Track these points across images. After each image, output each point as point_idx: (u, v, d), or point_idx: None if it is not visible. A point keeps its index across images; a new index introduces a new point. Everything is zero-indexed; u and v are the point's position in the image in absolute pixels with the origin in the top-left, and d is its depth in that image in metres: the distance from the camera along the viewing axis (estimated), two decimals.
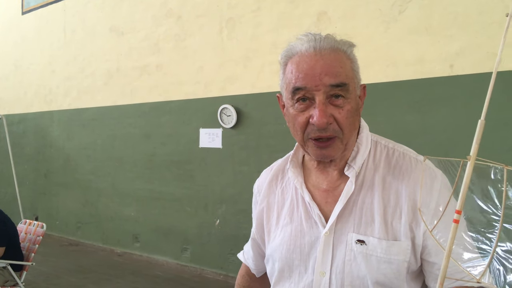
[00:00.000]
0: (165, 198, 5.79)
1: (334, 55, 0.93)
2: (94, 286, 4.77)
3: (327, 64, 0.92)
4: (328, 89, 0.92)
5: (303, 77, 0.93)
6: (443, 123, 3.64)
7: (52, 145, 7.57)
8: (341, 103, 0.93)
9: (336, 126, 0.94)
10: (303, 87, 0.93)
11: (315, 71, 0.92)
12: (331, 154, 0.97)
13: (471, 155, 0.59)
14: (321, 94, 0.92)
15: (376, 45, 3.99)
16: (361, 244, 0.95)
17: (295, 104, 0.96)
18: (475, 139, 0.59)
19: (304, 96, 0.94)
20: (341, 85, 0.92)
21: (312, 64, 0.93)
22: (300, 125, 0.96)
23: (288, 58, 0.98)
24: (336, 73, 0.92)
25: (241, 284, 1.32)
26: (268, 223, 1.14)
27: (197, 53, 5.48)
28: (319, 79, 0.91)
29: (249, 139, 4.96)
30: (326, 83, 0.91)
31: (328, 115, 0.92)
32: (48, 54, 7.67)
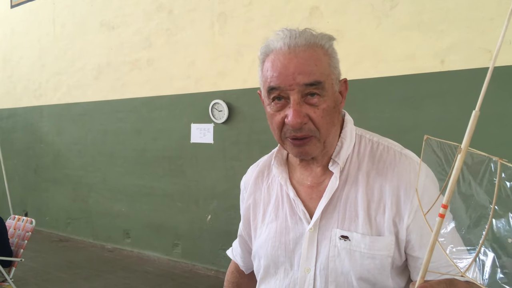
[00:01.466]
0: (156, 193, 5.76)
1: (309, 52, 0.91)
2: (85, 282, 4.74)
3: (301, 63, 0.90)
4: (303, 88, 0.90)
5: (277, 76, 0.91)
6: (435, 119, 3.65)
7: (42, 140, 7.50)
8: (317, 102, 0.91)
9: (312, 126, 0.92)
10: (277, 87, 0.92)
11: (289, 70, 0.90)
12: (308, 152, 0.96)
13: (462, 148, 0.58)
14: (295, 94, 0.90)
15: (368, 41, 3.99)
16: (345, 240, 0.95)
17: (271, 103, 0.95)
18: (468, 131, 0.58)
19: (279, 95, 0.93)
20: (316, 83, 0.90)
21: (286, 63, 0.91)
22: (277, 125, 0.96)
23: (266, 55, 0.96)
24: (310, 72, 0.90)
25: (230, 280, 1.32)
26: (254, 219, 1.13)
27: (188, 48, 5.45)
28: (292, 79, 0.90)
29: (240, 134, 4.95)
30: (299, 83, 0.90)
31: (302, 115, 0.91)
32: (38, 48, 7.59)
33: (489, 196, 0.60)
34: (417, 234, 0.92)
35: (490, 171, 0.58)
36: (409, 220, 0.92)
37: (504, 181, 0.56)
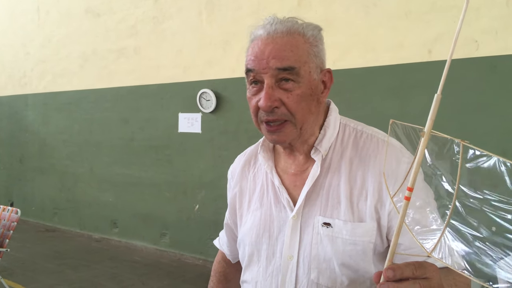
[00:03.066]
0: (144, 183, 5.74)
1: (287, 38, 0.93)
2: (72, 271, 4.72)
3: (276, 48, 0.92)
4: (276, 73, 0.92)
5: (253, 59, 0.94)
6: (421, 109, 3.67)
7: (27, 130, 7.40)
8: (290, 87, 0.93)
9: (285, 110, 0.93)
10: (252, 69, 0.94)
11: (264, 54, 0.93)
12: (282, 138, 0.97)
13: (425, 131, 0.59)
14: (268, 77, 0.93)
15: (356, 30, 3.99)
16: (327, 227, 0.96)
17: (250, 86, 0.98)
18: (430, 114, 0.59)
19: (255, 79, 0.95)
20: (289, 68, 0.92)
21: (263, 47, 0.93)
22: (253, 109, 0.98)
23: (250, 41, 0.99)
24: (283, 57, 0.92)
25: (217, 270, 1.33)
26: (240, 208, 1.14)
27: (175, 36, 5.39)
28: (266, 62, 0.92)
29: (228, 124, 4.94)
30: (272, 66, 0.92)
31: (273, 98, 0.92)
32: (22, 36, 7.45)
33: (453, 177, 0.60)
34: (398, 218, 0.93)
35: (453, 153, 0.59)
36: (390, 207, 0.93)
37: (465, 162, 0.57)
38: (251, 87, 0.97)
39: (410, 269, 0.66)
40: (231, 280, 1.30)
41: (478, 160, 0.57)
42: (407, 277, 0.65)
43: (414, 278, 0.66)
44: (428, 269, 0.67)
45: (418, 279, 0.66)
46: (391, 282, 0.65)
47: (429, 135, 0.58)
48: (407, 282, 0.65)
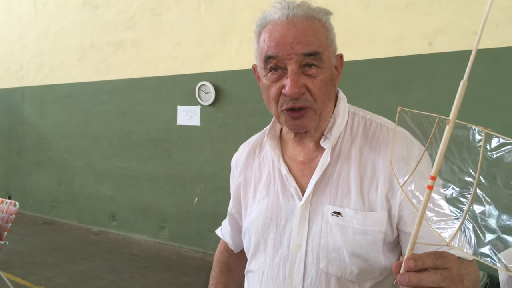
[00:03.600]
0: (142, 176, 5.72)
1: (307, 23, 0.91)
2: (71, 264, 4.72)
3: (300, 33, 0.89)
4: (301, 58, 0.89)
5: (274, 45, 0.90)
6: (422, 101, 3.67)
7: (24, 123, 7.36)
8: (314, 73, 0.91)
9: (309, 96, 0.92)
10: (275, 56, 0.91)
11: (287, 39, 0.89)
12: (305, 124, 0.95)
13: (449, 119, 0.58)
14: (293, 64, 0.90)
15: (356, 22, 3.97)
16: (337, 216, 0.94)
17: (268, 74, 0.94)
18: (456, 102, 0.58)
19: (276, 65, 0.92)
20: (314, 54, 0.89)
21: (284, 32, 0.90)
22: (273, 96, 0.94)
23: (262, 27, 0.95)
24: (308, 42, 0.89)
25: (219, 259, 1.31)
26: (245, 197, 1.13)
27: (174, 28, 5.36)
28: (290, 48, 0.89)
29: (227, 116, 4.92)
30: (298, 52, 0.89)
31: (300, 85, 0.90)
32: (19, 28, 7.39)
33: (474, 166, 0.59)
34: (410, 210, 0.92)
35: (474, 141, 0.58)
36: (402, 196, 0.92)
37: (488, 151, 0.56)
38: (270, 74, 0.93)
39: (431, 259, 0.65)
40: (234, 270, 1.29)
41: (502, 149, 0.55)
42: (428, 267, 0.65)
43: (434, 268, 0.65)
44: (448, 259, 0.66)
45: (439, 269, 0.65)
46: (412, 272, 0.64)
47: (454, 123, 0.57)
48: (428, 273, 0.65)
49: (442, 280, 0.65)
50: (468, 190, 0.61)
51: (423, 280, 0.64)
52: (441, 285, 0.65)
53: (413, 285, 0.64)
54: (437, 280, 0.64)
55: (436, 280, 0.64)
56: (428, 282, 0.64)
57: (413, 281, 0.63)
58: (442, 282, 0.65)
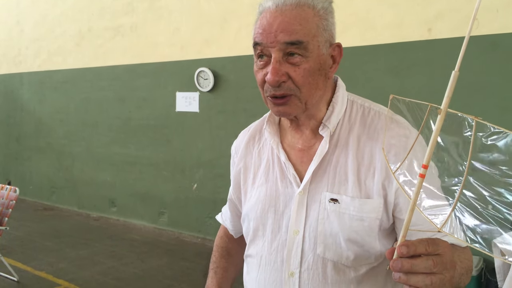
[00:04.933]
0: (142, 162, 5.74)
1: (296, 11, 0.91)
2: (71, 250, 4.76)
3: (285, 21, 0.90)
4: (284, 47, 0.90)
5: (261, 33, 0.92)
6: (421, 87, 3.67)
7: (23, 109, 7.35)
8: (298, 61, 0.91)
9: (292, 84, 0.92)
10: (260, 43, 0.93)
11: (272, 27, 0.91)
12: (287, 111, 0.96)
13: (441, 108, 0.59)
14: (275, 52, 0.91)
15: (355, 8, 3.94)
16: (334, 202, 0.96)
17: (257, 60, 0.96)
18: (447, 91, 0.58)
19: (262, 52, 0.93)
20: (297, 43, 0.90)
21: (271, 20, 0.91)
22: (259, 82, 0.96)
23: (259, 14, 0.97)
24: (292, 31, 0.90)
25: (219, 245, 1.33)
26: (245, 183, 1.14)
27: (172, 13, 5.32)
28: (274, 36, 0.90)
29: (226, 103, 4.91)
30: (280, 40, 0.90)
31: (280, 73, 0.91)
32: (16, 13, 7.33)
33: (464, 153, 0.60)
34: (405, 198, 0.93)
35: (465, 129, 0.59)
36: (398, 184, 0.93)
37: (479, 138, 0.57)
38: (258, 60, 0.96)
39: (423, 246, 0.66)
40: (233, 255, 1.31)
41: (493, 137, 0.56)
42: (420, 254, 0.66)
43: (427, 254, 0.66)
44: (441, 246, 0.68)
45: (431, 255, 0.67)
46: (404, 259, 0.65)
47: (446, 112, 0.58)
48: (420, 259, 0.66)
49: (434, 266, 0.66)
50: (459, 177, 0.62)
51: (415, 266, 0.65)
52: (433, 270, 0.66)
53: (405, 271, 0.65)
54: (429, 266, 0.66)
55: (428, 266, 0.66)
56: (420, 268, 0.65)
57: (405, 267, 0.65)
58: (434, 268, 0.66)
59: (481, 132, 0.57)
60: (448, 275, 0.68)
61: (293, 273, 0.99)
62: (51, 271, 4.12)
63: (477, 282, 3.11)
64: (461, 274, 0.83)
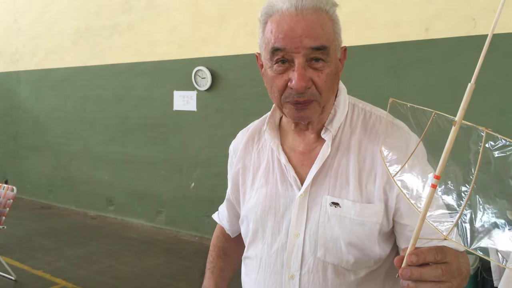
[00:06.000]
0: (139, 161, 5.73)
1: (316, 15, 0.89)
2: (69, 248, 4.76)
3: (308, 26, 0.88)
4: (309, 52, 0.88)
5: (283, 37, 0.89)
6: (418, 87, 3.68)
7: (20, 107, 7.33)
8: (321, 67, 0.90)
9: (315, 90, 0.91)
10: (283, 48, 0.89)
11: (296, 32, 0.88)
12: (308, 116, 0.95)
13: (456, 120, 0.59)
14: (300, 57, 0.89)
15: (353, 7, 3.94)
16: (335, 206, 0.96)
17: (274, 65, 0.93)
18: (463, 103, 0.59)
19: (283, 58, 0.90)
20: (322, 48, 0.89)
21: (293, 24, 0.88)
22: (278, 88, 0.93)
23: (268, 16, 0.93)
24: (317, 36, 0.88)
25: (216, 244, 1.33)
26: (243, 184, 1.14)
27: (170, 12, 5.31)
28: (299, 41, 0.88)
29: (224, 102, 4.91)
30: (306, 46, 0.88)
31: (307, 79, 0.89)
32: (13, 11, 7.30)
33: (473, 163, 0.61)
34: (406, 203, 0.93)
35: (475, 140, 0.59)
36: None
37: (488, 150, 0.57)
38: (277, 66, 0.92)
39: (432, 254, 0.67)
40: (230, 255, 1.31)
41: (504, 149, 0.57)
42: (429, 262, 0.67)
43: (435, 262, 0.67)
44: (448, 254, 0.69)
45: (440, 264, 0.67)
46: (414, 267, 0.66)
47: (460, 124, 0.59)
48: (430, 267, 0.67)
49: (443, 274, 0.67)
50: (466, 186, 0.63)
51: (424, 275, 0.66)
52: (441, 279, 0.67)
53: (415, 279, 0.66)
54: (438, 274, 0.67)
55: (437, 275, 0.67)
56: (429, 277, 0.66)
57: (415, 275, 0.65)
58: (443, 276, 0.67)
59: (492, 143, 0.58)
60: (456, 282, 0.69)
61: (293, 275, 0.99)
62: (48, 270, 4.11)
63: (473, 281, 3.12)
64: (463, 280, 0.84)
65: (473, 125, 0.59)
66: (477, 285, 3.14)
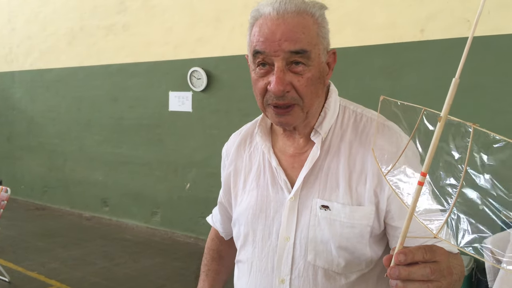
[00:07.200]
0: (134, 162, 5.72)
1: (298, 19, 0.89)
2: (63, 250, 4.73)
3: (288, 29, 0.88)
4: (288, 56, 0.88)
5: (263, 41, 0.89)
6: (413, 88, 3.69)
7: (14, 108, 7.29)
8: (301, 71, 0.90)
9: (295, 94, 0.91)
10: (262, 52, 0.90)
11: (275, 36, 0.88)
12: (289, 121, 0.95)
13: (441, 116, 0.59)
14: (279, 61, 0.89)
15: (348, 9, 3.95)
16: (325, 209, 0.95)
17: (256, 68, 0.93)
18: (448, 99, 0.58)
19: (264, 61, 0.91)
20: (301, 52, 0.88)
21: (273, 28, 0.88)
22: (259, 91, 0.94)
23: (255, 19, 0.94)
24: (296, 39, 0.88)
25: (210, 247, 1.33)
26: (235, 187, 1.13)
27: (166, 12, 5.30)
28: (278, 45, 0.88)
29: (219, 102, 4.91)
30: (285, 49, 0.88)
31: (285, 83, 0.89)
32: (7, 11, 7.27)
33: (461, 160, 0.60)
34: (397, 205, 0.94)
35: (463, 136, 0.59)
36: (390, 191, 0.93)
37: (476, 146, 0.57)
38: (258, 69, 0.93)
39: (421, 253, 0.66)
40: (225, 257, 1.31)
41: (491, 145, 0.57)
42: (418, 261, 0.66)
43: (424, 261, 0.67)
44: (437, 253, 0.68)
45: (428, 263, 0.67)
46: (402, 266, 0.65)
47: (445, 120, 0.58)
48: (418, 266, 0.66)
49: (431, 273, 0.66)
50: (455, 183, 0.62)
51: (412, 274, 0.65)
52: (430, 278, 0.66)
53: (403, 279, 0.65)
54: (426, 273, 0.66)
55: (425, 274, 0.66)
56: (418, 276, 0.66)
57: (403, 275, 0.65)
58: (431, 276, 0.66)
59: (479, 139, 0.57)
60: (445, 282, 0.68)
61: (284, 280, 0.98)
62: (43, 272, 4.09)
63: (468, 282, 3.13)
64: (455, 281, 0.83)
65: (461, 121, 0.58)
66: (471, 286, 3.15)
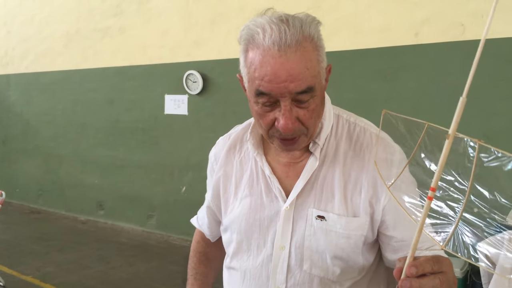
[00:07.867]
0: (130, 165, 5.71)
1: (300, 52, 0.84)
2: (58, 253, 4.71)
3: (292, 68, 0.83)
4: (294, 95, 0.86)
5: (267, 83, 0.85)
6: (408, 92, 3.70)
7: (9, 110, 7.27)
8: (307, 104, 0.88)
9: (301, 126, 0.90)
10: (268, 93, 0.87)
11: (280, 78, 0.84)
12: (296, 149, 0.96)
13: (449, 134, 0.60)
14: (286, 100, 0.86)
15: (343, 12, 3.97)
16: (321, 220, 0.96)
17: (259, 104, 0.90)
18: (455, 117, 0.60)
19: (269, 101, 0.89)
20: (308, 90, 0.86)
21: (277, 68, 0.84)
22: (266, 125, 0.92)
23: (249, 43, 0.89)
24: (301, 79, 0.84)
25: (196, 250, 1.32)
26: (225, 193, 1.12)
27: (161, 15, 5.30)
28: (284, 87, 0.84)
29: (215, 105, 4.91)
30: (292, 91, 0.85)
31: (293, 120, 0.88)
32: (3, 14, 7.25)
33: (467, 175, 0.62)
34: (392, 215, 0.95)
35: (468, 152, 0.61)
36: (385, 201, 0.94)
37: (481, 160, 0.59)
38: (262, 104, 0.90)
39: (430, 265, 0.68)
40: (212, 260, 1.30)
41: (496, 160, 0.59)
42: (427, 272, 0.68)
43: (432, 273, 0.69)
44: (444, 263, 0.71)
45: (437, 274, 0.69)
46: (413, 278, 0.67)
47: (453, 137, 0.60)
48: (428, 278, 0.68)
49: (441, 284, 0.69)
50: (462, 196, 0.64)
51: (423, 286, 0.67)
52: None
53: None
54: (436, 284, 0.68)
55: (435, 285, 0.68)
56: (428, 287, 0.68)
57: (414, 287, 0.67)
58: (441, 286, 0.69)
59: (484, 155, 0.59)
60: None
61: None
62: (38, 276, 4.07)
63: (463, 284, 3.14)
64: None
65: (466, 137, 0.60)
66: None
